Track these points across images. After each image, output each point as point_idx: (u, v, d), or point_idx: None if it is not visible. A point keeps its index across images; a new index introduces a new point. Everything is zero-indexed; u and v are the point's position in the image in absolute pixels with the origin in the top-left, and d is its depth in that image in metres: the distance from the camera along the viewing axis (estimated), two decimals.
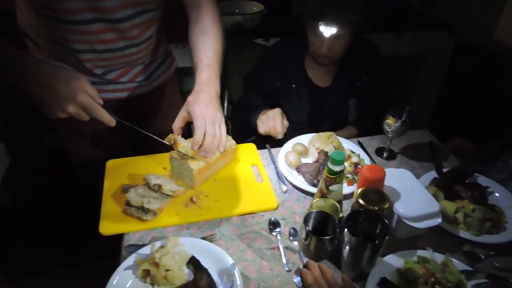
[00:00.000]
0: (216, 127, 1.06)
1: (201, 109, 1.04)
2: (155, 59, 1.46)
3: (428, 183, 1.28)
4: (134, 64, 1.37)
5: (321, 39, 1.52)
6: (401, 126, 1.32)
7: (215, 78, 1.13)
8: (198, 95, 1.07)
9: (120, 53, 1.27)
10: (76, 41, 1.19)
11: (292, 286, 0.98)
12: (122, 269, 0.98)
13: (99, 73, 1.31)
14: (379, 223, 0.95)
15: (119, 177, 1.25)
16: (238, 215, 1.17)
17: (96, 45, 1.22)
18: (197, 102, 1.05)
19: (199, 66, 1.13)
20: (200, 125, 1.03)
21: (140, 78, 1.43)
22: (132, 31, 1.23)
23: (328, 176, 1.00)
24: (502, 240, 1.11)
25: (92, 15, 1.13)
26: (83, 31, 1.16)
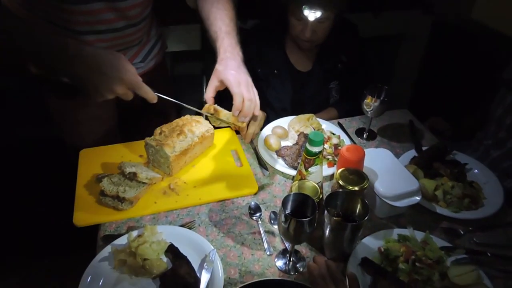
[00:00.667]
0: (250, 89, 1.09)
1: (233, 76, 1.08)
2: (149, 40, 1.43)
3: (407, 161, 1.28)
4: (132, 45, 1.33)
5: (304, 23, 1.48)
6: (380, 106, 1.31)
7: (236, 45, 1.16)
8: (227, 63, 1.10)
9: (119, 33, 1.23)
10: (76, 21, 1.14)
11: (274, 270, 0.97)
12: (97, 260, 0.95)
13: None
14: (359, 203, 0.94)
15: (93, 166, 1.20)
16: (217, 201, 1.15)
17: (96, 26, 1.18)
18: (227, 70, 1.08)
19: (219, 34, 1.15)
20: (238, 92, 1.06)
21: (136, 60, 1.39)
22: (132, 10, 1.21)
23: (306, 157, 0.98)
24: (481, 216, 1.12)
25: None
26: (83, 11, 1.12)
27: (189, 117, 1.27)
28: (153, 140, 1.17)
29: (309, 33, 1.50)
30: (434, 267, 0.92)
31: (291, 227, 0.85)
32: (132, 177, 1.11)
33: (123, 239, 0.99)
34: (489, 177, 1.25)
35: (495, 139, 1.49)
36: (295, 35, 1.56)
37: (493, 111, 1.51)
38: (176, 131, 1.18)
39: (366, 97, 1.32)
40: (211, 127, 1.28)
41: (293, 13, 1.50)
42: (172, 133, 1.18)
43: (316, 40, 1.55)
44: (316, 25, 1.48)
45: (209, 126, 1.28)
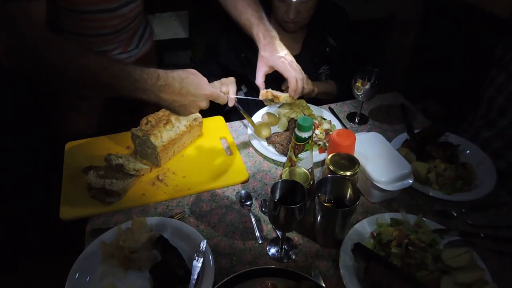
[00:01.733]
0: (298, 67, 1.20)
1: (281, 60, 1.18)
2: (140, 25, 1.40)
3: (399, 145, 1.27)
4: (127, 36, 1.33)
5: (287, 4, 1.45)
6: (371, 89, 1.29)
7: (270, 27, 1.25)
8: (271, 48, 1.20)
9: (120, 32, 1.25)
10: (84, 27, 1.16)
11: (266, 258, 0.96)
12: (86, 254, 0.93)
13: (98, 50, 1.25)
14: (350, 188, 0.93)
15: (80, 159, 1.17)
16: (207, 190, 1.13)
17: (101, 30, 1.20)
18: (274, 55, 1.19)
19: (253, 21, 1.24)
20: (291, 75, 1.18)
21: (131, 47, 1.37)
22: (131, 11, 1.23)
23: (296, 143, 0.96)
24: (474, 197, 1.11)
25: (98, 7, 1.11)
26: (88, 18, 1.13)
27: None
28: (140, 130, 1.14)
29: (293, 14, 1.46)
30: (427, 250, 0.91)
31: (281, 214, 0.83)
32: (119, 169, 1.08)
33: (112, 232, 0.97)
34: (482, 158, 1.24)
35: (486, 119, 1.48)
36: (279, 17, 1.53)
37: (484, 92, 1.50)
38: (163, 121, 1.16)
39: (356, 80, 1.30)
40: (199, 116, 1.26)
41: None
42: (158, 122, 1.15)
43: (300, 21, 1.52)
44: (300, 5, 1.45)
45: (198, 114, 1.25)
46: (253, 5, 1.26)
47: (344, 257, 0.92)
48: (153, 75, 0.97)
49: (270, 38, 1.22)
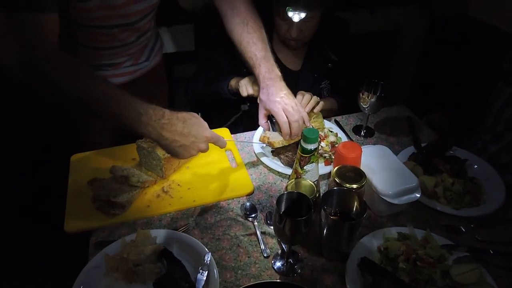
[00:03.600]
0: (294, 110, 1.15)
1: (276, 105, 1.15)
2: (151, 38, 1.43)
3: (406, 158, 1.26)
4: (139, 48, 1.36)
5: (289, 23, 1.45)
6: (377, 101, 1.29)
7: (273, 66, 1.20)
8: (268, 91, 1.17)
9: (132, 44, 1.28)
10: (95, 40, 1.19)
11: (271, 272, 0.95)
12: (90, 267, 0.92)
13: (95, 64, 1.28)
14: (356, 201, 0.92)
15: (85, 171, 1.17)
16: (212, 202, 1.12)
17: (112, 43, 1.22)
18: (270, 99, 1.16)
19: (255, 61, 1.21)
20: (283, 120, 1.14)
21: (141, 59, 1.40)
22: (145, 25, 1.25)
23: (302, 155, 0.96)
24: (482, 213, 1.09)
25: (115, 21, 1.15)
26: (102, 33, 1.17)
27: None
28: (145, 142, 1.14)
29: (295, 33, 1.47)
30: (435, 266, 0.90)
31: (286, 227, 0.82)
32: (124, 181, 1.08)
33: (116, 245, 0.96)
34: (490, 173, 1.22)
35: (494, 133, 1.46)
36: (281, 35, 1.53)
37: (491, 105, 1.48)
38: None
39: (362, 93, 1.30)
40: None
41: (277, 13, 1.47)
42: None
43: (303, 38, 1.52)
44: (302, 24, 1.45)
45: None
46: (257, 42, 1.22)
47: (351, 272, 0.90)
48: (158, 112, 0.97)
49: (270, 80, 1.18)
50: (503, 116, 1.42)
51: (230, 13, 1.24)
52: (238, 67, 1.54)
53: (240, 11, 1.23)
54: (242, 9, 1.24)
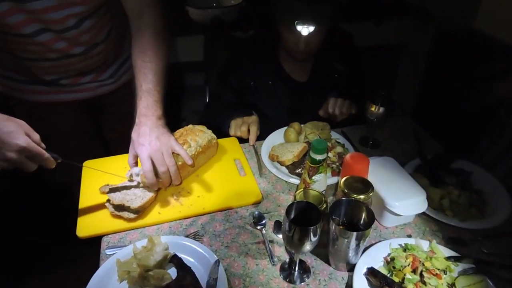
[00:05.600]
0: (165, 156, 1.06)
1: (145, 150, 1.05)
2: (119, 56, 1.41)
3: (412, 170, 1.27)
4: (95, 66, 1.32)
5: (297, 36, 1.47)
6: (384, 113, 1.31)
7: (154, 103, 1.10)
8: (139, 130, 1.07)
9: (76, 58, 1.24)
10: (27, 51, 1.16)
11: (279, 280, 0.96)
12: (101, 272, 0.94)
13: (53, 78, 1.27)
14: (364, 211, 0.93)
15: (97, 178, 1.20)
16: (221, 210, 1.14)
17: (48, 54, 1.19)
18: (138, 142, 1.06)
19: (139, 93, 1.11)
20: (147, 169, 1.04)
21: (103, 77, 1.37)
22: (81, 37, 1.20)
23: (310, 165, 0.98)
24: (488, 225, 1.10)
25: (37, 26, 1.11)
26: (33, 42, 1.13)
27: (192, 126, 1.27)
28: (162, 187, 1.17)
29: (303, 46, 1.49)
30: (441, 278, 0.91)
31: (295, 235, 0.84)
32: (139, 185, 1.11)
33: (127, 250, 0.98)
34: (496, 185, 1.23)
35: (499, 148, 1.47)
36: (288, 48, 1.55)
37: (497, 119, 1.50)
38: (180, 141, 1.18)
39: (369, 105, 1.32)
40: (214, 137, 1.28)
41: (285, 26, 1.49)
42: None
43: (310, 51, 1.54)
44: (310, 37, 1.46)
45: (213, 135, 1.28)
46: (148, 73, 1.12)
47: (358, 282, 0.92)
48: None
49: (144, 117, 1.08)
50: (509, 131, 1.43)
51: (135, 36, 1.18)
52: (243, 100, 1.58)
53: (143, 37, 1.16)
54: (145, 36, 1.16)
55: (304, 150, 1.29)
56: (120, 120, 1.06)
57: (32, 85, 1.30)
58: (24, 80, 1.30)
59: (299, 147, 1.29)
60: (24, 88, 1.31)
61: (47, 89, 1.32)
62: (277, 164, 1.30)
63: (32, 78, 1.28)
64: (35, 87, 1.31)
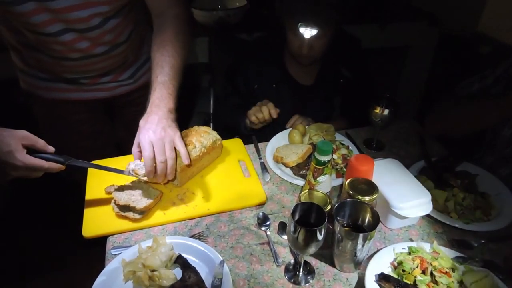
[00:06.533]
0: (166, 147, 1.05)
1: (147, 137, 1.03)
2: (138, 57, 1.44)
3: (417, 172, 1.27)
4: (115, 66, 1.35)
5: (301, 39, 1.48)
6: (388, 116, 1.31)
7: (168, 96, 1.10)
8: (148, 118, 1.06)
9: (97, 58, 1.27)
10: (50, 49, 1.20)
11: (283, 281, 0.96)
12: (107, 272, 0.94)
13: (75, 77, 1.30)
14: (369, 212, 0.93)
15: (102, 178, 1.20)
16: (226, 211, 1.14)
17: (71, 54, 1.22)
18: (144, 128, 1.05)
19: (153, 84, 1.11)
20: (147, 156, 1.03)
21: (122, 77, 1.40)
22: (104, 37, 1.23)
23: (315, 167, 0.98)
24: (493, 228, 1.10)
25: (60, 25, 1.14)
26: (55, 41, 1.16)
27: (197, 127, 1.28)
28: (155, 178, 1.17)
29: (306, 49, 1.49)
30: (451, 276, 0.91)
31: (300, 236, 0.84)
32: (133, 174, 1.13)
33: (132, 250, 0.98)
34: (501, 188, 1.23)
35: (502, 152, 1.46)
36: (293, 51, 1.56)
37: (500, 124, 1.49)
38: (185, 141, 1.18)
39: (374, 107, 1.32)
40: (219, 138, 1.29)
41: (290, 29, 1.50)
42: None
43: (313, 55, 1.54)
44: (313, 41, 1.47)
45: (218, 137, 1.28)
46: (165, 66, 1.12)
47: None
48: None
49: (156, 107, 1.08)
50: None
51: (156, 32, 1.20)
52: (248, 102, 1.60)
53: (165, 33, 1.17)
54: (167, 32, 1.17)
55: (308, 151, 1.30)
56: (134, 121, 1.06)
57: (54, 82, 1.34)
58: (46, 78, 1.33)
59: (303, 149, 1.30)
60: (46, 86, 1.35)
61: (67, 87, 1.35)
62: (282, 166, 1.31)
63: (54, 76, 1.32)
64: (57, 84, 1.34)
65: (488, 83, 1.39)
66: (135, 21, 1.34)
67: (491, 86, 1.38)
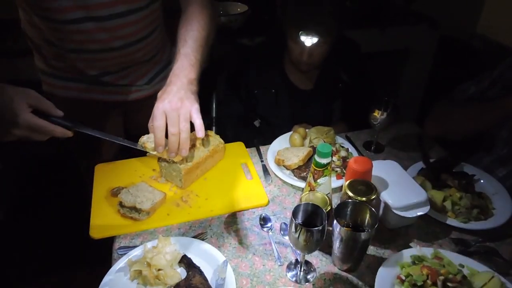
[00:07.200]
0: (181, 118, 0.98)
1: (161, 106, 0.98)
2: (158, 62, 1.44)
3: (415, 173, 1.30)
4: (132, 64, 1.34)
5: (301, 47, 1.50)
6: (387, 118, 1.34)
7: (189, 66, 1.05)
8: (166, 89, 1.02)
9: (116, 53, 1.24)
10: (69, 40, 1.18)
11: (285, 280, 0.99)
12: (114, 271, 0.97)
13: (94, 73, 1.30)
14: (368, 213, 0.96)
15: (108, 180, 1.24)
16: (229, 212, 1.17)
17: (89, 45, 1.20)
18: (161, 99, 1.00)
19: (176, 56, 1.08)
20: (157, 126, 0.97)
21: (140, 82, 1.41)
22: (123, 29, 1.20)
23: (315, 169, 1.01)
24: (490, 226, 1.12)
25: (81, 13, 1.12)
26: (75, 30, 1.14)
27: None
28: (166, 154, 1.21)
29: (306, 57, 1.51)
30: (464, 284, 0.90)
31: (301, 236, 0.87)
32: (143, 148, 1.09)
33: (138, 250, 1.01)
34: (497, 188, 1.26)
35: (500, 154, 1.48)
36: (293, 58, 1.58)
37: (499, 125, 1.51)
38: None
39: (373, 110, 1.35)
40: (222, 141, 1.32)
41: (290, 36, 1.52)
42: None
43: (313, 62, 1.57)
44: (313, 49, 1.49)
45: (221, 140, 1.31)
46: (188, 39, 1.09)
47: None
48: None
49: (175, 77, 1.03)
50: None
51: (182, 12, 1.19)
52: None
53: (188, 11, 1.17)
54: (190, 9, 1.17)
55: (309, 154, 1.32)
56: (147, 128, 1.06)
57: (73, 82, 1.34)
58: (65, 77, 1.33)
59: (304, 152, 1.33)
60: (65, 85, 1.34)
61: (86, 87, 1.35)
62: (283, 168, 1.34)
63: (73, 75, 1.31)
64: (76, 84, 1.34)
65: (485, 86, 1.41)
66: (157, 19, 1.32)
67: (487, 89, 1.41)
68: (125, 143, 1.06)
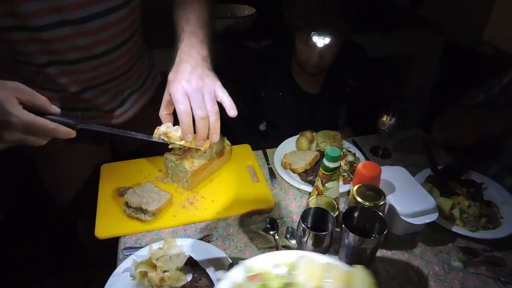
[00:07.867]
0: (206, 99, 0.85)
1: (181, 88, 0.84)
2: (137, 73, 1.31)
3: (423, 180, 1.29)
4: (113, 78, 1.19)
5: (311, 49, 1.50)
6: (395, 124, 1.33)
7: (199, 43, 0.93)
8: (178, 68, 0.87)
9: (97, 61, 1.10)
10: (47, 52, 1.02)
11: None
12: (119, 271, 0.97)
13: (75, 90, 1.14)
14: (376, 218, 0.95)
15: (114, 180, 1.24)
16: (235, 215, 1.16)
17: (69, 54, 1.04)
18: (176, 79, 0.85)
19: (181, 35, 0.95)
20: (183, 110, 0.82)
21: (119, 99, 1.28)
22: (104, 32, 1.06)
23: (324, 173, 1.00)
24: (498, 236, 1.11)
25: (55, 16, 0.96)
26: (51, 37, 0.99)
27: None
28: (173, 155, 1.20)
29: (316, 59, 1.51)
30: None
31: (309, 240, 0.86)
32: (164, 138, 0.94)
33: (143, 251, 1.01)
34: (506, 197, 1.24)
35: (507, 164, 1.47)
36: (302, 60, 1.58)
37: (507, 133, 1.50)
38: None
39: (381, 116, 1.35)
40: (228, 143, 1.32)
41: (300, 39, 1.51)
42: (191, 148, 1.21)
43: (322, 65, 1.56)
44: (324, 50, 1.49)
45: (227, 142, 1.31)
46: (191, 18, 0.97)
47: None
48: None
49: (187, 55, 0.89)
50: None
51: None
52: None
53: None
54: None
55: (316, 158, 1.32)
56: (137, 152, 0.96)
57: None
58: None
59: (311, 155, 1.32)
60: None
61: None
62: (289, 172, 1.33)
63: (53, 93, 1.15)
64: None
65: (494, 93, 1.41)
66: (137, 21, 1.18)
67: (497, 96, 1.40)
68: (138, 136, 0.92)
